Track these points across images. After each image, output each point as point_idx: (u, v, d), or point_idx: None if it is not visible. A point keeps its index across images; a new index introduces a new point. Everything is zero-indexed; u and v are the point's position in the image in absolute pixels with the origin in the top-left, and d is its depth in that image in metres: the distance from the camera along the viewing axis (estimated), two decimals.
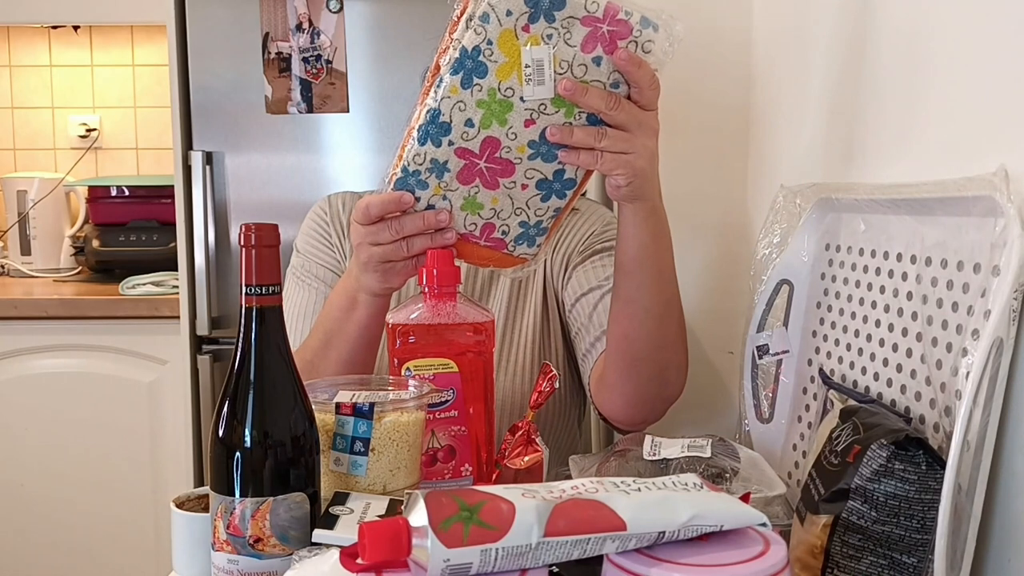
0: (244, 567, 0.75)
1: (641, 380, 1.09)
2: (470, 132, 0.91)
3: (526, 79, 0.89)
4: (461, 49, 0.87)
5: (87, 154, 2.84)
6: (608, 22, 0.89)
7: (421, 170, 0.93)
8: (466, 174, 0.95)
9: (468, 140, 0.91)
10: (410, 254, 0.99)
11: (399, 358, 0.97)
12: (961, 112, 0.88)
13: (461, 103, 0.89)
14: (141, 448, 2.28)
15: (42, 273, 2.63)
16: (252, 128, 2.10)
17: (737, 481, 0.90)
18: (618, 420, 1.16)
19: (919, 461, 0.74)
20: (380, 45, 2.07)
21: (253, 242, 0.77)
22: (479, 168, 0.94)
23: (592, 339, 1.20)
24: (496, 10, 0.86)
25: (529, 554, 0.59)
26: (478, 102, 0.90)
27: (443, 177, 0.94)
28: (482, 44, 0.87)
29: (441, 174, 0.94)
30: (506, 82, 0.89)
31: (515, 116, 0.91)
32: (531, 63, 0.88)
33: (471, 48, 0.87)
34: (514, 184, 0.96)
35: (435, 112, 0.90)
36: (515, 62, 0.88)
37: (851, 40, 1.14)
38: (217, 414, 0.77)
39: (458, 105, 0.89)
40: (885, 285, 0.93)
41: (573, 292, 1.25)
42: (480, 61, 0.87)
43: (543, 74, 0.89)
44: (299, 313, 1.26)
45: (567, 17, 0.88)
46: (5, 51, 2.83)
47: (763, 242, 1.16)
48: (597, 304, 1.20)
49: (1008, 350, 0.73)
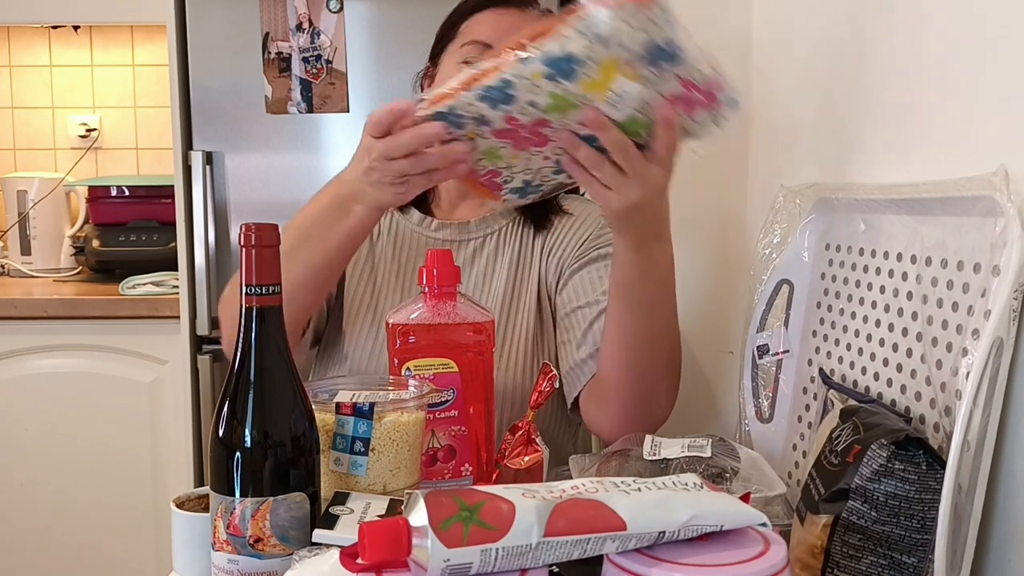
0: (244, 567, 0.75)
1: (626, 402, 1.11)
2: (529, 110, 0.91)
3: (607, 102, 0.90)
4: (565, 51, 0.87)
5: (87, 154, 2.84)
6: (703, 92, 0.91)
7: (465, 116, 0.93)
8: (503, 133, 0.95)
9: (524, 114, 0.92)
10: (425, 168, 0.99)
11: (399, 358, 0.97)
12: (961, 112, 0.88)
13: (536, 87, 0.89)
14: (141, 448, 2.28)
15: (42, 273, 2.63)
16: (252, 128, 2.10)
17: (737, 481, 0.90)
18: (605, 438, 1.17)
19: (919, 461, 0.74)
20: (380, 45, 2.07)
21: (253, 242, 0.77)
22: (519, 135, 0.95)
23: (584, 355, 1.19)
24: (615, 39, 0.86)
25: (529, 554, 0.59)
26: (551, 94, 0.90)
27: (481, 127, 0.95)
28: (586, 58, 0.87)
29: (480, 125, 0.94)
30: (587, 94, 0.89)
31: (575, 115, 0.92)
32: (620, 93, 0.89)
33: (574, 55, 0.87)
34: (538, 153, 0.98)
35: (508, 83, 0.89)
36: (605, 85, 0.89)
37: (851, 40, 1.14)
38: (217, 414, 0.77)
39: (532, 89, 0.89)
40: (885, 285, 0.93)
41: (568, 300, 1.24)
42: (575, 69, 0.87)
43: (624, 105, 0.90)
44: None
45: (672, 71, 0.89)
46: (5, 51, 2.83)
47: (763, 242, 1.16)
48: (593, 322, 1.21)
49: (1008, 350, 0.73)
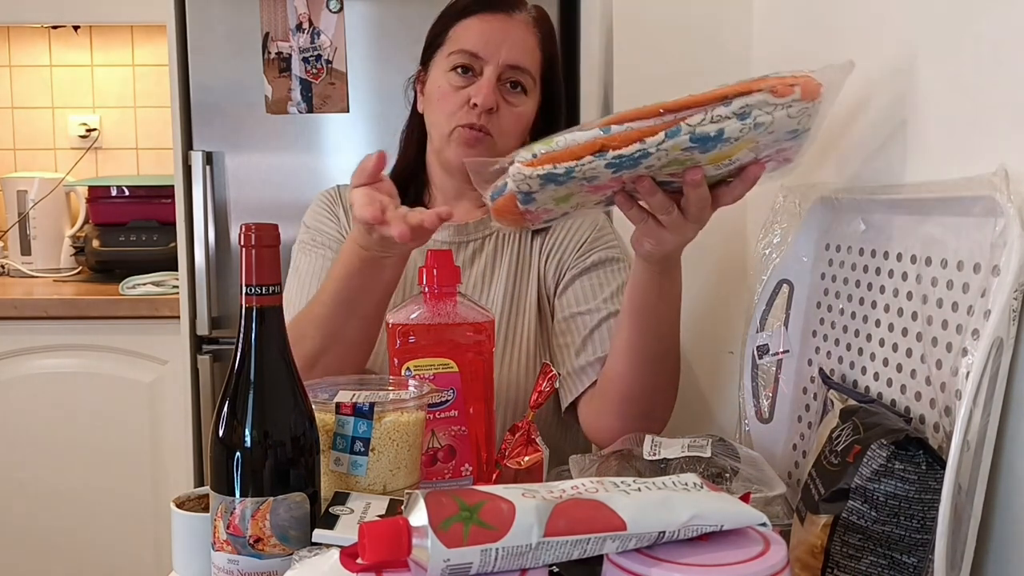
0: (244, 567, 0.75)
1: (628, 417, 1.13)
2: (638, 170, 0.88)
3: (722, 164, 0.89)
4: (718, 131, 0.83)
5: (87, 154, 2.84)
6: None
7: (577, 177, 0.88)
8: (596, 188, 0.91)
9: (632, 173, 0.88)
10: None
11: (399, 358, 0.97)
12: (961, 112, 0.88)
13: (665, 153, 0.85)
14: (141, 448, 2.28)
15: (42, 273, 2.63)
16: (252, 128, 2.10)
17: (737, 481, 0.90)
18: (600, 445, 1.18)
19: (919, 461, 0.74)
20: (380, 45, 2.07)
21: (253, 242, 0.77)
22: (610, 190, 0.92)
23: (583, 363, 1.20)
24: (770, 127, 0.83)
25: (529, 554, 0.59)
26: (673, 160, 0.87)
27: (581, 183, 0.90)
28: (734, 139, 0.84)
29: (582, 181, 0.90)
30: (706, 158, 0.87)
31: (672, 168, 0.88)
32: (735, 159, 0.88)
33: (725, 136, 0.83)
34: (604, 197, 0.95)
35: (645, 155, 0.85)
36: (730, 156, 0.87)
37: (850, 40, 1.14)
38: (217, 414, 0.77)
39: (661, 155, 0.86)
40: (885, 285, 0.93)
41: (568, 304, 1.25)
42: (717, 146, 0.84)
43: (731, 167, 0.89)
44: (310, 275, 1.27)
45: (787, 144, 0.88)
46: (5, 51, 2.83)
47: (763, 242, 1.16)
48: (594, 330, 1.21)
49: (1008, 350, 0.73)
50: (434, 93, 1.25)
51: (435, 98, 1.25)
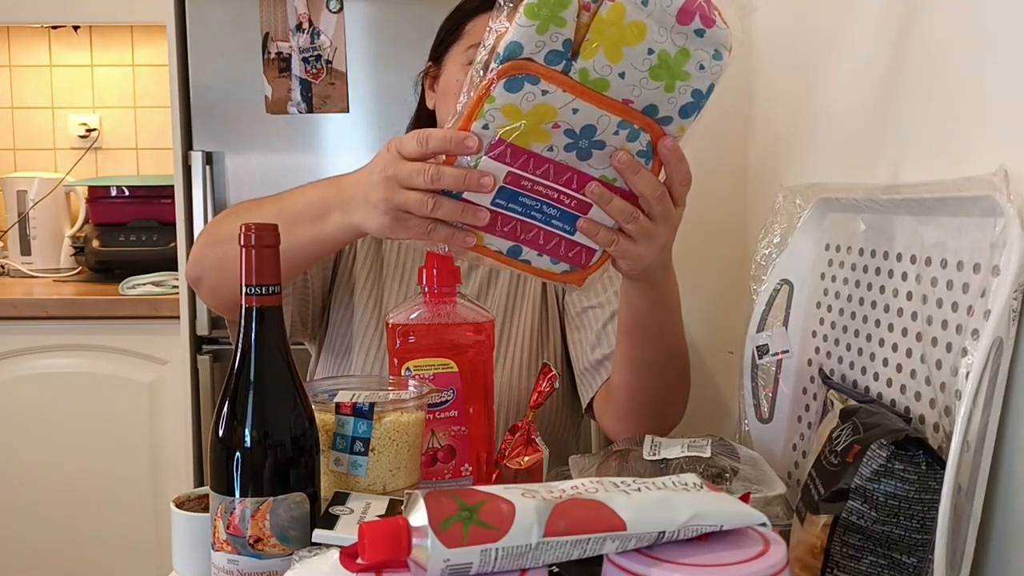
0: (244, 567, 0.75)
1: (642, 420, 1.13)
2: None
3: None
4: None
5: (87, 154, 2.83)
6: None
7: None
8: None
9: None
10: (430, 214, 0.89)
11: (399, 358, 0.97)
12: (961, 112, 0.88)
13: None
14: (141, 448, 2.28)
15: (42, 273, 2.63)
16: (252, 128, 2.10)
17: (737, 481, 0.90)
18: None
19: (919, 461, 0.74)
20: (380, 45, 2.07)
21: (253, 242, 0.77)
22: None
23: (599, 357, 1.21)
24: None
25: (529, 554, 0.59)
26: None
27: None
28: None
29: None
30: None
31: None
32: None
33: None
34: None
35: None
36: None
37: (851, 40, 1.14)
38: (217, 414, 0.77)
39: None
40: (885, 285, 0.93)
41: (579, 300, 1.25)
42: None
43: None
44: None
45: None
46: (5, 51, 2.83)
47: (763, 242, 1.16)
48: (607, 323, 1.22)
49: (1008, 350, 0.73)
50: (451, 87, 1.25)
51: (452, 92, 1.24)
